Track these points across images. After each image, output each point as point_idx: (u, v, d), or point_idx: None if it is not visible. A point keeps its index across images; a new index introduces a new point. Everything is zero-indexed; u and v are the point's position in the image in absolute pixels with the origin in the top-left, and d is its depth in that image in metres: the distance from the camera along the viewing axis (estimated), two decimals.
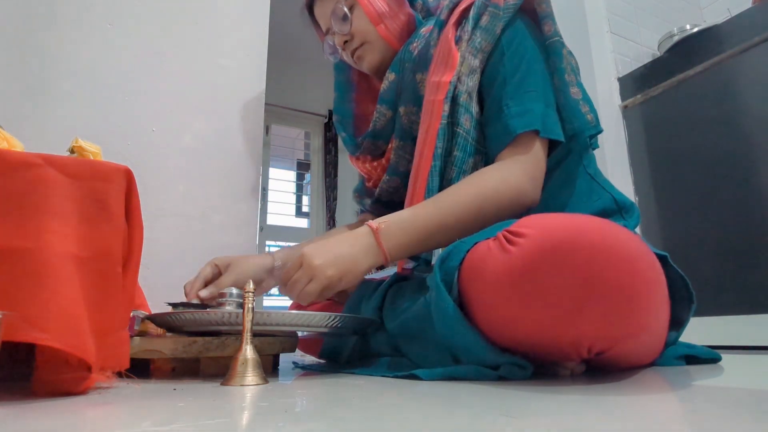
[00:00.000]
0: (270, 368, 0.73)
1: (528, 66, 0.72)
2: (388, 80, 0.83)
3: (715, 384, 0.49)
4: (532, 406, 0.37)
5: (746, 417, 0.33)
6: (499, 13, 0.72)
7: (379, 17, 0.83)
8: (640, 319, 0.49)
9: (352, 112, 0.96)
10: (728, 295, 1.31)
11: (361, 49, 0.86)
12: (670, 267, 0.61)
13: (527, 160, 0.69)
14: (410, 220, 0.67)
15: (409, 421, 0.32)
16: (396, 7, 0.84)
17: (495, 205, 0.67)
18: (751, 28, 1.38)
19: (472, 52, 0.72)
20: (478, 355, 0.54)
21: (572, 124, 0.73)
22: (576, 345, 0.49)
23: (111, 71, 1.07)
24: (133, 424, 0.32)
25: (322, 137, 3.86)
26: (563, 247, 0.46)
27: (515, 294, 0.49)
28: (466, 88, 0.72)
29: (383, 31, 0.84)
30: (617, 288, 0.46)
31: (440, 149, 0.71)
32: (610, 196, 0.74)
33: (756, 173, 1.32)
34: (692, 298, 0.63)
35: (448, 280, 0.56)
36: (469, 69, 0.72)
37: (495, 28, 0.72)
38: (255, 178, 1.19)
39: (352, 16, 0.83)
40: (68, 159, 0.49)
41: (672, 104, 1.56)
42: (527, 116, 0.69)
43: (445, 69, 0.73)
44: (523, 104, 0.70)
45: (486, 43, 0.72)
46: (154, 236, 0.98)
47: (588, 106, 0.74)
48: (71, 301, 0.43)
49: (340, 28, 0.85)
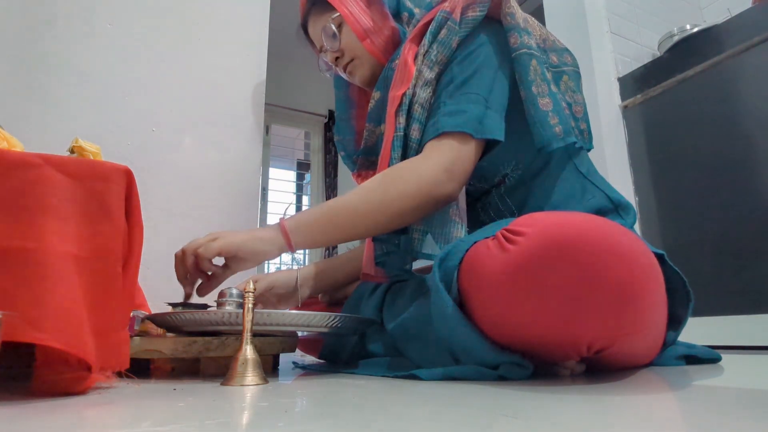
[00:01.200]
0: (270, 368, 0.73)
1: (476, 69, 0.72)
2: (374, 99, 0.87)
3: (715, 384, 0.49)
4: (532, 406, 0.37)
5: (746, 417, 0.33)
6: (455, 27, 0.73)
7: (365, 33, 0.87)
8: (639, 316, 0.49)
9: (354, 130, 1.00)
10: (728, 295, 1.31)
11: (351, 64, 0.90)
12: (667, 265, 0.61)
13: (445, 153, 0.69)
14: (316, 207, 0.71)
15: (409, 421, 0.32)
16: (380, 22, 0.87)
17: (400, 191, 0.67)
18: (751, 28, 1.38)
19: (428, 65, 0.74)
20: (477, 354, 0.54)
21: (541, 135, 0.72)
22: (575, 343, 0.49)
23: (111, 71, 1.07)
24: (133, 424, 0.32)
25: (322, 137, 3.86)
26: (562, 246, 0.46)
27: (514, 292, 0.49)
28: (417, 99, 0.73)
29: (369, 46, 0.87)
30: (616, 286, 0.46)
31: (395, 160, 0.73)
32: (604, 195, 0.74)
33: (756, 173, 1.32)
34: (690, 296, 0.63)
35: (447, 279, 0.56)
36: (423, 81, 0.73)
37: (451, 41, 0.73)
38: (255, 178, 1.19)
39: (340, 34, 0.88)
40: (68, 159, 0.49)
41: (672, 104, 1.56)
42: (459, 116, 0.69)
43: (401, 83, 0.75)
44: (458, 104, 0.70)
45: (441, 56, 0.73)
46: (154, 236, 0.98)
47: (558, 117, 0.72)
48: (71, 300, 0.43)
49: (331, 45, 0.89)
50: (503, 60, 0.74)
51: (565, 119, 0.72)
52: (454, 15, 0.73)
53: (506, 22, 0.75)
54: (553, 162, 0.76)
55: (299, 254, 4.07)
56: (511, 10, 0.75)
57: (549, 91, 0.73)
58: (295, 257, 4.12)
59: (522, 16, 0.76)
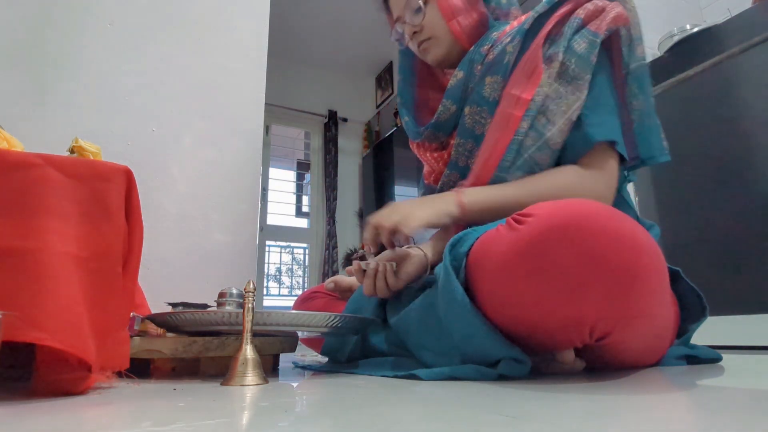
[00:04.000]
0: (270, 368, 0.73)
1: (605, 82, 0.73)
2: (456, 77, 0.83)
3: (715, 384, 0.49)
4: (532, 406, 0.37)
5: (746, 417, 0.33)
6: (596, 41, 0.70)
7: (453, 13, 0.83)
8: (641, 301, 0.50)
9: (413, 97, 0.97)
10: (728, 295, 1.31)
11: (428, 42, 0.86)
12: (683, 282, 0.62)
13: (606, 169, 0.70)
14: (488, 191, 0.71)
15: (409, 421, 0.32)
16: (470, 4, 0.84)
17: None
18: (751, 28, 1.38)
19: (564, 77, 0.71)
20: (478, 342, 0.54)
21: (646, 148, 0.73)
22: (578, 325, 0.49)
23: (111, 71, 1.07)
24: (133, 424, 0.32)
25: (322, 137, 3.86)
26: (570, 226, 0.48)
27: (520, 271, 0.50)
28: (546, 110, 0.71)
29: (455, 27, 0.83)
30: (618, 267, 0.47)
31: (507, 162, 0.72)
32: (634, 214, 0.76)
33: (756, 173, 1.32)
34: (705, 312, 0.64)
35: (456, 265, 0.58)
36: (556, 94, 0.71)
37: (591, 55, 0.70)
38: (255, 178, 1.19)
39: (425, 8, 0.84)
40: (68, 159, 0.49)
41: (672, 104, 1.56)
42: (605, 127, 0.70)
43: (526, 84, 0.72)
44: (600, 116, 0.70)
45: (581, 71, 0.70)
46: (154, 236, 0.98)
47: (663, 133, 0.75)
48: (71, 301, 0.43)
49: (412, 19, 0.85)
50: (613, 72, 0.75)
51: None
52: (598, 31, 0.71)
53: (636, 31, 0.74)
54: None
55: (299, 254, 4.07)
56: (638, 19, 0.74)
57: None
58: (296, 257, 4.13)
59: None
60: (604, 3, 0.73)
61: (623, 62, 0.74)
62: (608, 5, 0.73)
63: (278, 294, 4.06)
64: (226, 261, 1.09)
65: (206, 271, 1.06)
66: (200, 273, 1.05)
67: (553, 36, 0.74)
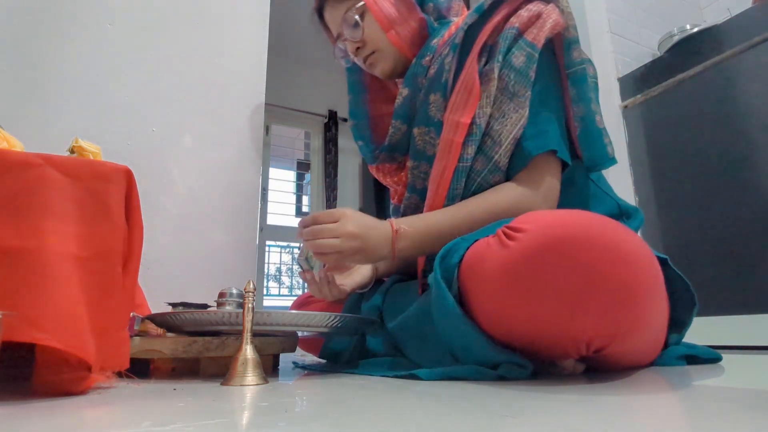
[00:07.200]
0: (270, 368, 0.73)
1: (546, 89, 0.71)
2: (401, 96, 0.82)
3: (715, 384, 0.49)
4: (532, 406, 0.37)
5: (746, 417, 0.33)
6: (534, 54, 0.69)
7: (390, 24, 0.81)
8: (639, 314, 0.49)
9: (367, 114, 0.95)
10: (728, 295, 1.31)
11: (373, 56, 0.85)
12: (671, 269, 0.61)
13: (543, 183, 0.68)
14: (424, 227, 0.68)
15: (409, 421, 0.32)
16: (406, 12, 0.82)
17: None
18: (751, 28, 1.38)
19: (505, 93, 0.69)
20: (476, 352, 0.54)
21: (590, 152, 0.72)
22: (575, 341, 0.49)
23: (111, 71, 1.07)
24: (133, 424, 0.32)
25: (322, 137, 3.86)
26: (562, 242, 0.46)
27: (514, 289, 0.49)
28: (490, 131, 0.69)
29: (394, 38, 0.82)
30: (616, 283, 0.46)
31: (456, 190, 0.70)
32: (613, 202, 0.75)
33: (756, 173, 1.32)
34: (694, 300, 0.63)
35: (448, 277, 0.56)
36: (500, 113, 0.69)
37: (530, 71, 0.69)
38: (255, 178, 1.19)
39: (363, 23, 0.82)
40: (68, 159, 0.49)
41: (672, 104, 1.56)
42: (542, 137, 0.68)
43: (464, 107, 0.70)
44: (537, 125, 0.69)
45: (520, 87, 0.69)
46: (154, 236, 0.98)
47: (609, 136, 0.74)
48: (71, 301, 0.43)
49: (352, 35, 0.83)
50: (557, 76, 0.74)
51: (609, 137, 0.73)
52: (535, 42, 0.69)
53: (570, 34, 0.72)
54: (569, 173, 0.75)
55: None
56: (574, 22, 0.72)
57: (599, 109, 0.73)
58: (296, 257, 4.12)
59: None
60: (538, 8, 0.71)
61: (564, 65, 0.73)
62: (543, 11, 0.71)
63: (278, 294, 4.06)
64: (226, 261, 1.09)
65: (206, 271, 1.06)
66: (200, 273, 1.05)
67: (490, 45, 0.72)
